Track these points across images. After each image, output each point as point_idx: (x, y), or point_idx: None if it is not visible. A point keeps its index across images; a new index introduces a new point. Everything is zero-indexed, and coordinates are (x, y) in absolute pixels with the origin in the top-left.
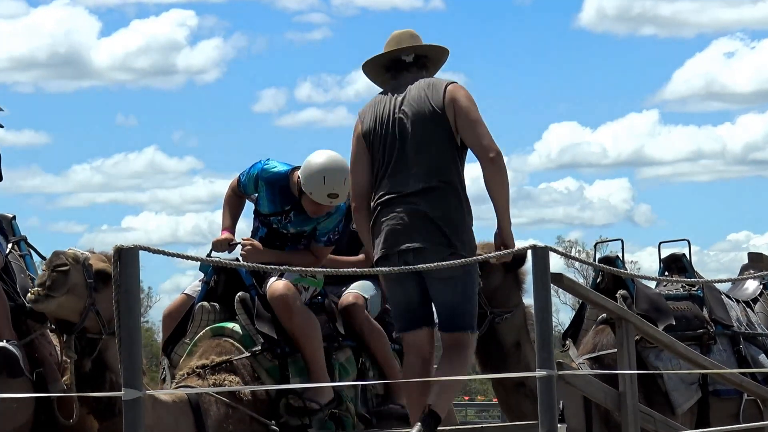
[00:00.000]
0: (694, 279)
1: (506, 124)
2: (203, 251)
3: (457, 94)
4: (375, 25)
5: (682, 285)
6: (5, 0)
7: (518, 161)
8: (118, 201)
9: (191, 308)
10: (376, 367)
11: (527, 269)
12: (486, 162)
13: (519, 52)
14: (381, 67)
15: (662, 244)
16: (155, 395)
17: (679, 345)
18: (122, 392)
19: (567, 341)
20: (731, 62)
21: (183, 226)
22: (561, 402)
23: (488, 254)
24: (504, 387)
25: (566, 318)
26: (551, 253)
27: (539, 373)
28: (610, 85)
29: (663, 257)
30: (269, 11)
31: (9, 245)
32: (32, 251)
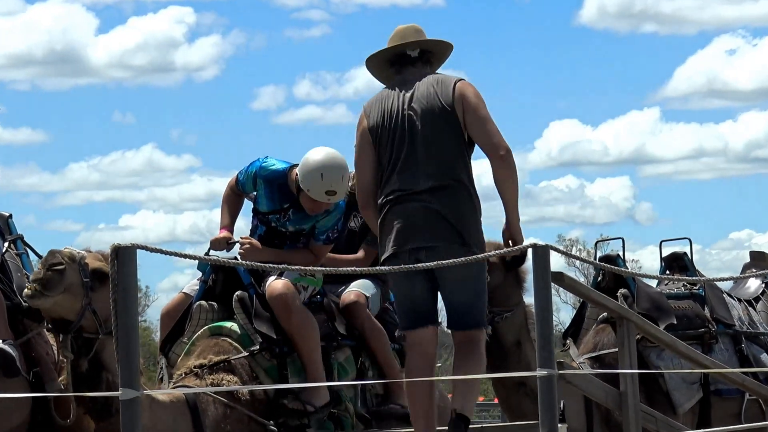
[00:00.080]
0: (696, 278)
1: (507, 122)
2: (201, 250)
3: (466, 91)
4: (374, 22)
5: (684, 284)
6: None
7: (519, 159)
8: (116, 199)
9: (189, 307)
10: (376, 367)
11: (528, 268)
12: (496, 159)
13: (519, 50)
14: (385, 62)
15: (663, 243)
16: (152, 395)
17: (681, 344)
18: (119, 392)
19: (568, 340)
20: (733, 60)
21: (181, 225)
22: (562, 401)
23: (488, 253)
24: (504, 386)
25: (567, 317)
26: (552, 252)
27: (540, 373)
28: (611, 83)
29: (664, 256)
30: (268, 8)
31: (5, 244)
32: (29, 250)
